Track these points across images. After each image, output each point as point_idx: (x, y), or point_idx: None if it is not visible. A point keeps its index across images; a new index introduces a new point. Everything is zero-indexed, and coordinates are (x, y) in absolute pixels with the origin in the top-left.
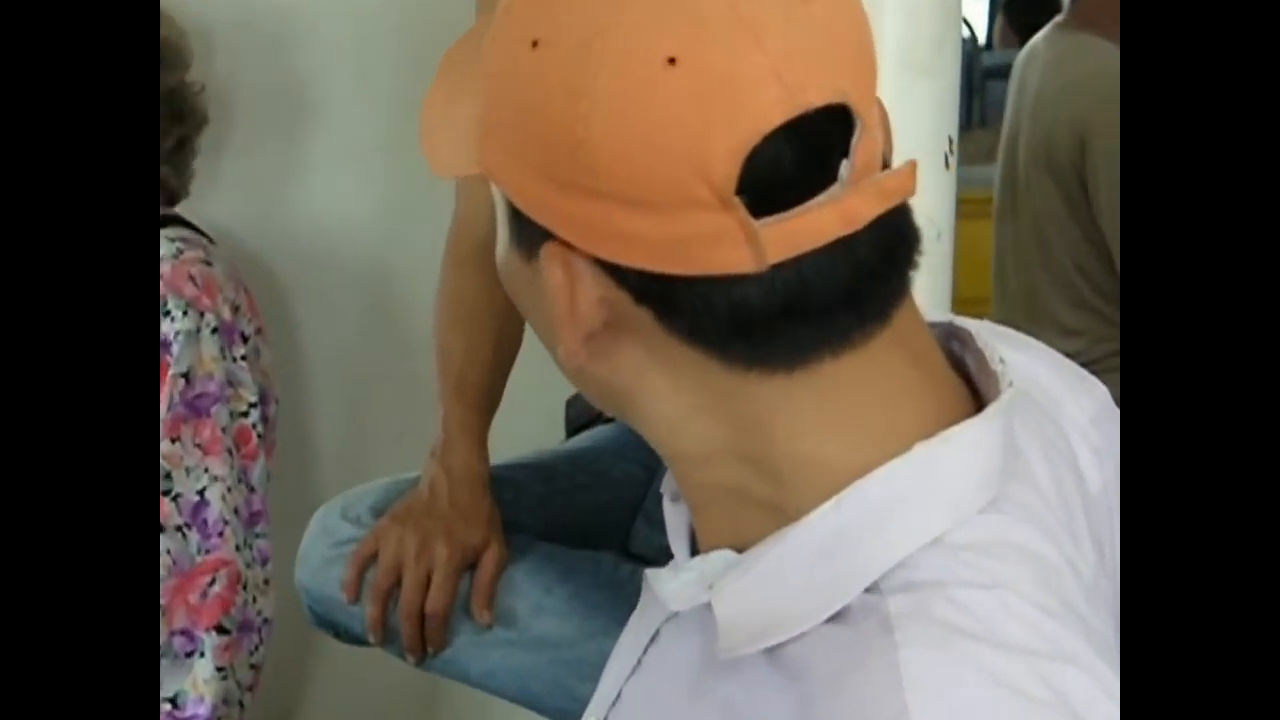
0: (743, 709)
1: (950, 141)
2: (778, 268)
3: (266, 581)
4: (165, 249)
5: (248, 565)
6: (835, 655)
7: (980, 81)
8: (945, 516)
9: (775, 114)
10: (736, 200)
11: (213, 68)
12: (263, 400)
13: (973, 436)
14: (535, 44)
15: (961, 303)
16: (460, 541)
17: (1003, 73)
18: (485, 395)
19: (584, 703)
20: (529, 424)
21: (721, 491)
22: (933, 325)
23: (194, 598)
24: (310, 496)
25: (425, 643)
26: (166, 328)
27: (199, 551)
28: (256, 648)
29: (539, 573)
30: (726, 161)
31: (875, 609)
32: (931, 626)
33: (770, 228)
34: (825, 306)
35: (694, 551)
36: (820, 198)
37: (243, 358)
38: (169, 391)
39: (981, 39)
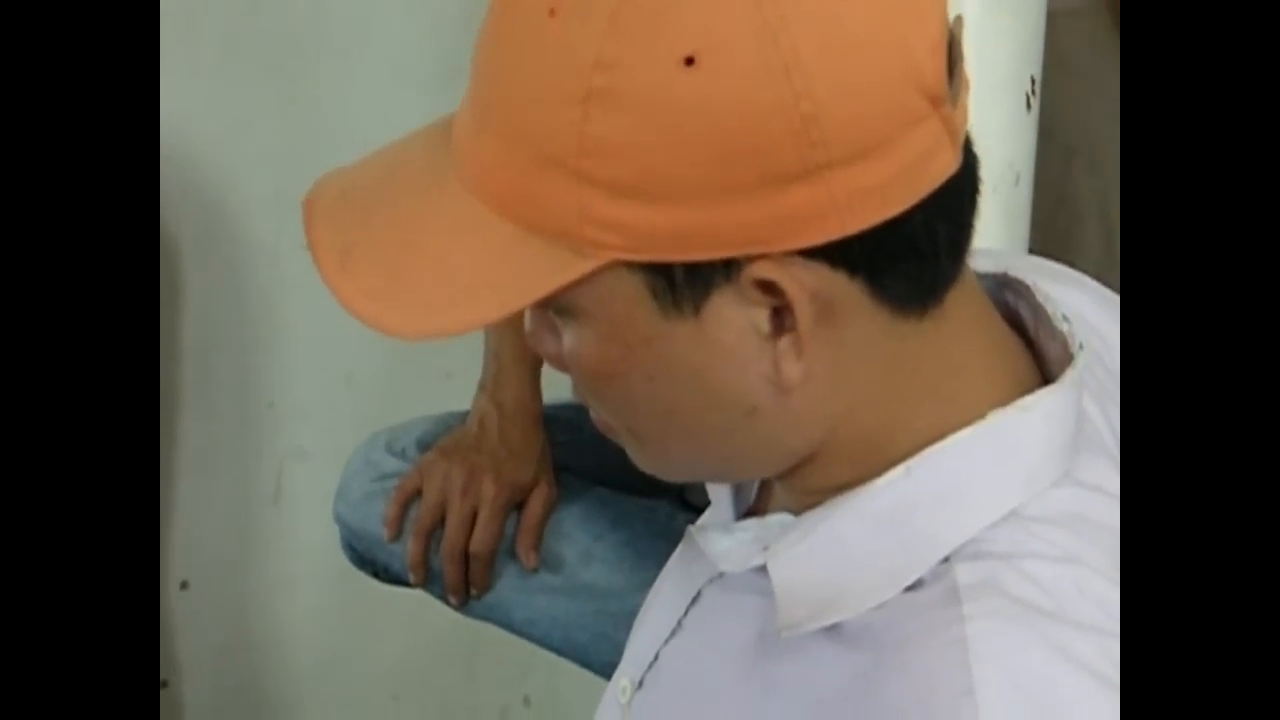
0: (794, 684)
1: (1033, 82)
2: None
3: None
4: None
5: None
6: (897, 624)
7: None
8: (1020, 490)
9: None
10: (948, 94)
11: None
12: None
13: (1048, 407)
14: (690, 60)
15: (1038, 254)
16: (509, 479)
17: None
18: None
19: None
20: None
21: (833, 490)
22: (984, 276)
23: None
24: (351, 435)
25: (468, 584)
26: None
27: None
28: None
29: (590, 518)
30: (933, 59)
31: (942, 577)
32: (1000, 599)
33: (950, 120)
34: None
35: (739, 512)
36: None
37: None
38: None
39: None
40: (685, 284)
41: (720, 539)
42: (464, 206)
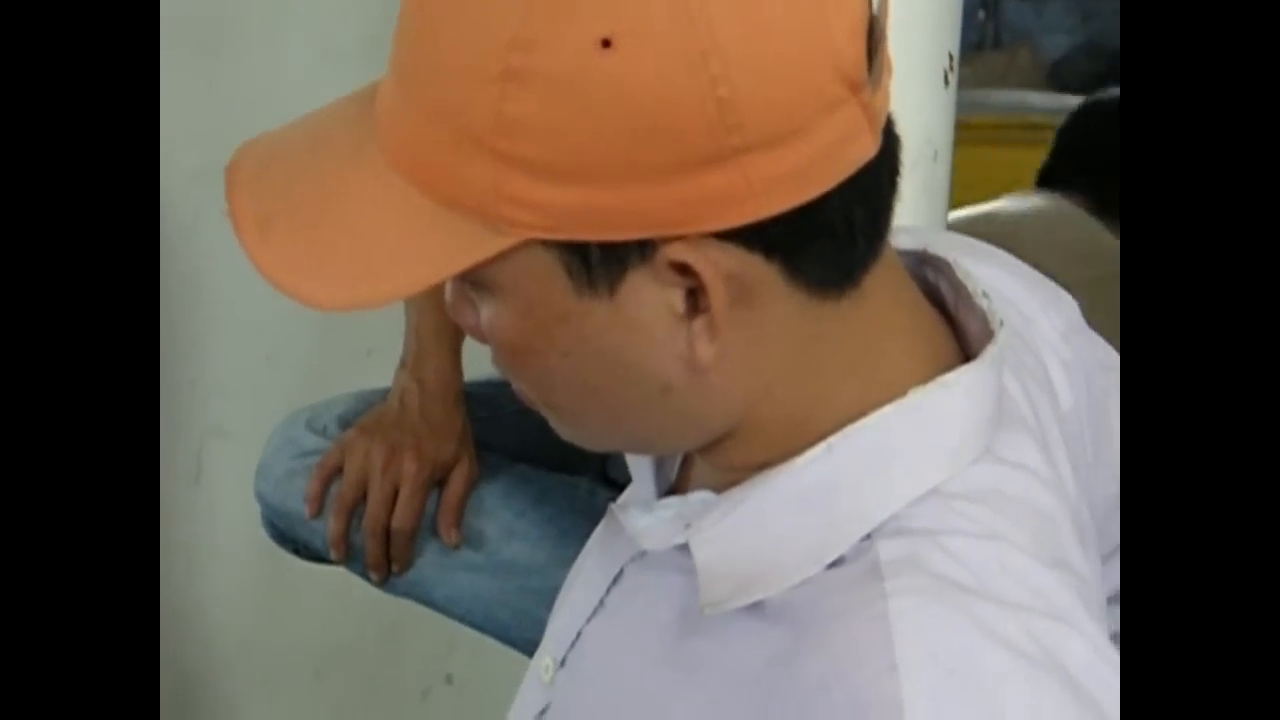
0: (716, 662)
1: (950, 58)
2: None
3: None
4: None
5: None
6: (819, 600)
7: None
8: (941, 467)
9: None
10: (868, 79)
11: None
12: None
13: (969, 383)
14: (607, 42)
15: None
16: (430, 456)
17: None
18: None
19: None
20: None
21: (755, 468)
22: (904, 253)
23: None
24: (272, 413)
25: (389, 561)
26: None
27: None
28: None
29: (511, 495)
30: (852, 45)
31: (864, 554)
32: (922, 576)
33: (869, 105)
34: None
35: (661, 489)
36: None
37: None
38: None
39: None
40: (600, 264)
41: (642, 517)
42: (383, 179)
